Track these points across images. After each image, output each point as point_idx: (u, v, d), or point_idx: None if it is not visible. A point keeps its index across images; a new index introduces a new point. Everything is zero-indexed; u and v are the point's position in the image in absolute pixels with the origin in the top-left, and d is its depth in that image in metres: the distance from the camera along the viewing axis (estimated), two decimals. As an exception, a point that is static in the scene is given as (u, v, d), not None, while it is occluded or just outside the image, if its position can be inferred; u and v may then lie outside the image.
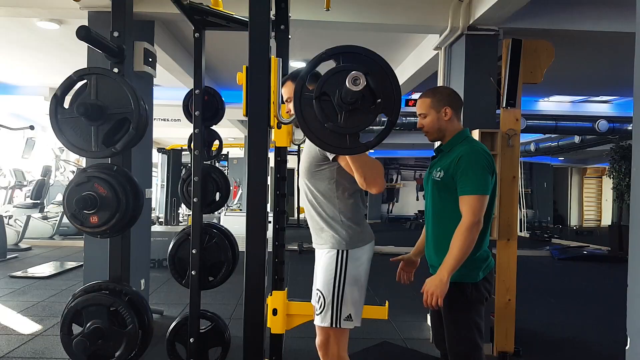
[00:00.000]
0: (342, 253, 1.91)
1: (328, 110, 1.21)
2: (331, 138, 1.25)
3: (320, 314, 1.91)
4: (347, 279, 1.89)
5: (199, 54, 2.13)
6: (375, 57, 1.23)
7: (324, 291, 1.91)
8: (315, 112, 1.22)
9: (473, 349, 1.90)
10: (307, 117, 1.23)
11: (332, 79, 1.21)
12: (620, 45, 4.25)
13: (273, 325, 2.06)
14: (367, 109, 1.20)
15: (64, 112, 1.47)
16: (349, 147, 1.27)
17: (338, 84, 1.19)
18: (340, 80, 1.17)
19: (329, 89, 1.21)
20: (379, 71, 1.22)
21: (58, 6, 3.52)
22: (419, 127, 2.07)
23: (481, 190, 1.85)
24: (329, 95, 1.21)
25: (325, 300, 1.90)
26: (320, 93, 1.21)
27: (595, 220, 17.11)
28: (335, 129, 1.21)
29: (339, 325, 1.89)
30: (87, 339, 1.46)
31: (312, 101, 1.22)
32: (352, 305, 1.90)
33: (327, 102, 1.21)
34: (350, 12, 3.65)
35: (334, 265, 1.91)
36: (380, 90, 1.20)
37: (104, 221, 1.45)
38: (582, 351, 3.66)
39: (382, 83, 1.21)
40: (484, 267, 1.95)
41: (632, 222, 1.00)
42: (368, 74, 1.19)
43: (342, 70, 1.19)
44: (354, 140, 1.24)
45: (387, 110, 1.22)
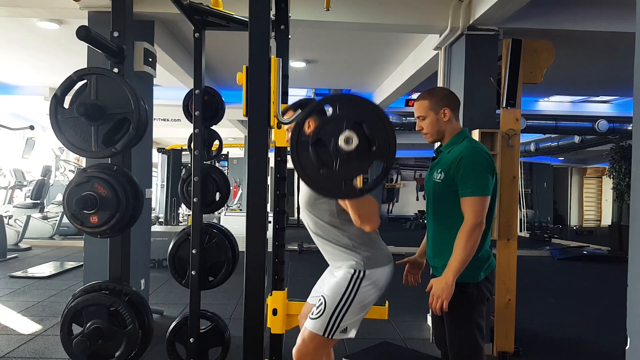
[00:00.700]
0: (359, 273, 1.88)
1: (324, 156, 1.23)
2: (326, 183, 1.26)
3: (315, 319, 1.88)
4: (356, 299, 1.86)
5: (199, 54, 2.13)
6: (371, 106, 1.25)
7: (328, 300, 1.87)
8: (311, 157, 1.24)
9: (474, 349, 1.90)
10: (303, 162, 1.25)
11: (328, 126, 1.23)
12: (620, 45, 4.24)
13: (273, 325, 2.06)
14: (363, 156, 1.22)
15: (64, 112, 1.47)
16: (343, 192, 1.30)
17: (334, 132, 1.21)
18: (336, 127, 1.20)
19: (325, 136, 1.23)
20: (374, 119, 1.23)
21: (58, 6, 3.52)
22: (418, 129, 2.07)
23: (482, 191, 1.85)
24: (324, 141, 1.23)
25: (325, 308, 1.87)
26: (316, 140, 1.23)
27: (595, 220, 17.10)
28: (330, 176, 1.23)
29: (332, 336, 1.86)
30: (87, 339, 1.46)
31: (309, 147, 1.23)
32: (352, 321, 1.88)
33: (323, 147, 1.23)
34: (350, 12, 3.65)
35: (347, 282, 1.88)
36: (375, 137, 1.22)
37: (104, 221, 1.46)
38: (582, 351, 3.66)
39: (377, 130, 1.22)
40: (486, 267, 1.94)
41: (632, 222, 1.00)
42: (363, 122, 1.21)
43: (337, 118, 1.22)
44: (349, 185, 1.26)
45: (382, 157, 1.24)
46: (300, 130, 1.25)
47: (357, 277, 1.87)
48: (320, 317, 1.86)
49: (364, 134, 1.20)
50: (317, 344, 1.89)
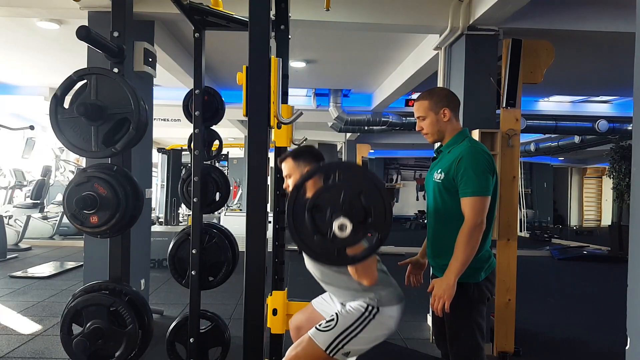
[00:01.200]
0: (373, 309, 1.88)
1: (319, 221, 1.23)
2: (320, 249, 1.27)
3: (322, 332, 1.86)
4: (365, 330, 1.85)
5: (199, 54, 2.13)
6: (369, 175, 1.26)
7: (340, 319, 1.86)
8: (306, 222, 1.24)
9: (474, 349, 1.90)
10: (298, 225, 1.26)
11: (325, 194, 1.24)
12: (620, 45, 4.24)
13: (273, 325, 2.06)
14: (358, 227, 1.22)
15: (64, 112, 1.47)
16: (336, 259, 1.31)
17: (330, 200, 1.22)
18: (334, 195, 1.21)
19: (322, 203, 1.23)
20: (372, 189, 1.24)
21: (58, 6, 3.52)
22: (418, 129, 2.07)
23: (483, 191, 1.85)
24: (321, 208, 1.23)
25: (335, 326, 1.85)
26: (313, 206, 1.23)
27: (595, 220, 17.10)
28: (324, 243, 1.23)
29: (333, 354, 1.84)
30: (87, 339, 1.46)
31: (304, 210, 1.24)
32: (355, 348, 1.87)
33: (319, 213, 1.23)
34: (350, 12, 3.65)
35: (361, 312, 1.87)
36: (371, 208, 1.22)
37: (104, 221, 1.46)
38: (582, 351, 3.66)
39: (375, 201, 1.23)
40: (486, 267, 1.94)
41: (632, 222, 1.00)
42: (361, 192, 1.22)
43: (335, 187, 1.23)
44: (342, 253, 1.27)
45: (378, 227, 1.24)
46: (298, 193, 1.26)
47: (370, 311, 1.87)
48: (328, 332, 1.85)
49: (360, 204, 1.21)
50: (316, 357, 1.86)
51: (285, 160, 2.02)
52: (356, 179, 1.25)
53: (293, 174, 2.00)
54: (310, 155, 2.02)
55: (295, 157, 2.00)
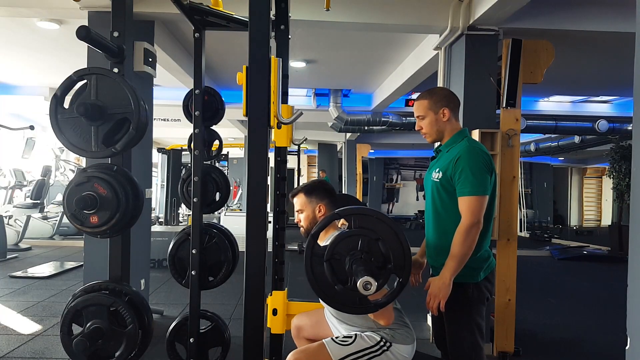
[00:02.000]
0: (386, 343, 1.87)
1: (338, 270, 1.21)
2: (341, 297, 1.25)
3: (338, 345, 1.86)
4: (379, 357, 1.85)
5: (199, 54, 2.13)
6: (387, 221, 1.23)
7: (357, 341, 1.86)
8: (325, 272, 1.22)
9: (474, 349, 1.90)
10: (317, 276, 1.24)
11: (343, 242, 1.21)
12: (620, 45, 4.24)
13: (273, 325, 2.06)
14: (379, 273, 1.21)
15: (64, 112, 1.47)
16: (358, 307, 1.28)
17: (349, 247, 1.20)
18: (352, 243, 1.19)
19: (341, 251, 1.21)
20: (390, 234, 1.22)
21: (58, 6, 3.52)
22: (417, 129, 2.07)
23: (480, 190, 1.84)
24: (339, 256, 1.21)
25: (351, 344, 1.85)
26: (331, 255, 1.21)
27: (595, 220, 17.10)
28: (345, 292, 1.21)
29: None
30: (87, 339, 1.46)
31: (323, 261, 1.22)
32: None
33: (338, 261, 1.21)
34: (350, 12, 3.65)
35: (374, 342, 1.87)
36: (390, 254, 1.21)
37: (104, 221, 1.45)
38: (582, 351, 3.66)
39: (392, 245, 1.21)
40: (485, 267, 1.94)
41: (632, 222, 1.00)
42: (379, 240, 1.20)
43: (353, 235, 1.20)
44: (364, 301, 1.25)
45: (398, 272, 1.22)
46: (315, 244, 1.24)
47: (383, 344, 1.87)
48: (344, 347, 1.86)
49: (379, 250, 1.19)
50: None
51: (297, 195, 2.03)
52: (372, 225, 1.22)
53: (305, 210, 2.01)
54: (323, 191, 2.04)
55: (308, 193, 2.01)
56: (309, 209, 1.99)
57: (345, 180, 12.30)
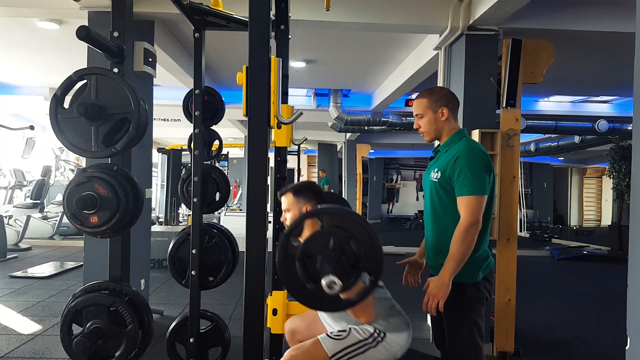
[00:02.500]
0: (380, 333, 1.88)
1: (311, 268, 1.22)
2: (314, 297, 1.26)
3: (332, 339, 1.86)
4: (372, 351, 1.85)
5: (199, 54, 2.13)
6: (360, 221, 1.25)
7: (351, 334, 1.87)
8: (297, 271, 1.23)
9: (473, 349, 1.90)
10: (290, 273, 1.25)
11: (315, 241, 1.22)
12: (620, 45, 4.24)
13: (273, 325, 2.06)
14: (350, 272, 1.21)
15: (64, 112, 1.47)
16: (331, 305, 1.30)
17: (321, 247, 1.21)
18: (323, 242, 1.20)
19: (313, 250, 1.22)
20: (362, 234, 1.23)
21: (58, 6, 3.52)
22: (415, 128, 2.07)
23: (479, 190, 1.85)
24: (311, 256, 1.22)
25: (346, 338, 1.86)
26: (303, 254, 1.22)
27: (595, 220, 17.10)
28: (317, 291, 1.22)
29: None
30: (87, 339, 1.46)
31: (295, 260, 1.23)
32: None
33: (311, 260, 1.22)
34: (350, 12, 3.65)
35: (368, 334, 1.87)
36: (362, 252, 1.22)
37: (104, 221, 1.45)
38: (582, 351, 3.66)
39: (364, 244, 1.22)
40: (484, 267, 1.94)
41: (632, 222, 1.00)
42: (351, 238, 1.21)
43: (324, 234, 1.22)
44: (337, 299, 1.26)
45: (370, 270, 1.23)
46: (287, 243, 1.25)
47: (377, 335, 1.88)
48: (339, 341, 1.86)
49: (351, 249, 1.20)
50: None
51: (285, 194, 2.03)
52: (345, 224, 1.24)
53: (292, 210, 2.01)
54: (312, 193, 2.03)
55: (296, 193, 2.01)
56: (296, 209, 1.99)
57: (345, 181, 12.30)
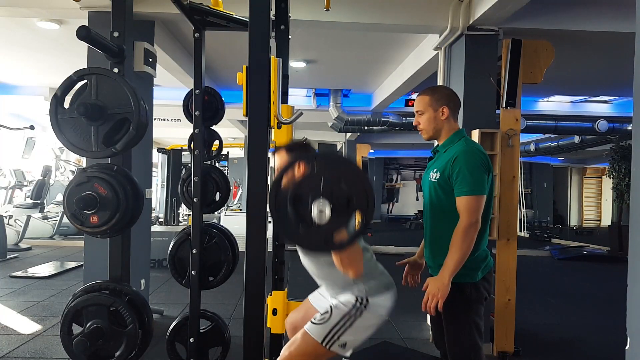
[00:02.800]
0: (363, 300, 1.86)
1: (302, 210, 1.23)
2: (306, 239, 1.28)
3: (318, 325, 1.84)
4: (358, 320, 1.84)
5: (199, 54, 2.13)
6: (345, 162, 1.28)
7: (334, 311, 1.85)
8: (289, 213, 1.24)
9: (473, 349, 1.90)
10: (281, 216, 1.26)
11: (305, 183, 1.24)
12: (620, 45, 4.24)
13: (273, 325, 2.06)
14: (341, 212, 1.23)
15: (64, 112, 1.48)
16: (323, 247, 1.32)
17: (311, 188, 1.22)
18: (314, 184, 1.22)
19: (302, 192, 1.23)
20: (352, 174, 1.25)
21: (58, 6, 3.52)
22: (414, 124, 2.07)
23: (478, 190, 1.85)
24: (302, 197, 1.23)
25: (330, 318, 1.84)
26: (294, 196, 1.23)
27: (595, 220, 17.10)
28: (309, 233, 1.24)
29: (330, 347, 1.81)
30: (87, 338, 1.46)
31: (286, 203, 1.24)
32: (353, 338, 1.84)
33: (302, 203, 1.24)
34: (350, 12, 3.65)
35: (352, 304, 1.86)
36: (353, 192, 1.23)
37: (104, 221, 1.46)
38: (581, 351, 3.66)
39: (354, 186, 1.24)
40: (483, 267, 1.95)
41: (632, 222, 1.00)
42: (340, 179, 1.23)
43: (313, 176, 1.23)
44: (329, 240, 1.27)
45: (361, 210, 1.25)
46: (278, 188, 1.26)
47: (360, 304, 1.86)
48: (324, 324, 1.83)
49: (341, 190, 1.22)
50: (310, 352, 1.84)
51: (278, 152, 2.01)
52: (335, 166, 1.27)
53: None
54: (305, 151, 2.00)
55: (289, 151, 1.98)
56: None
57: (345, 180, 12.27)
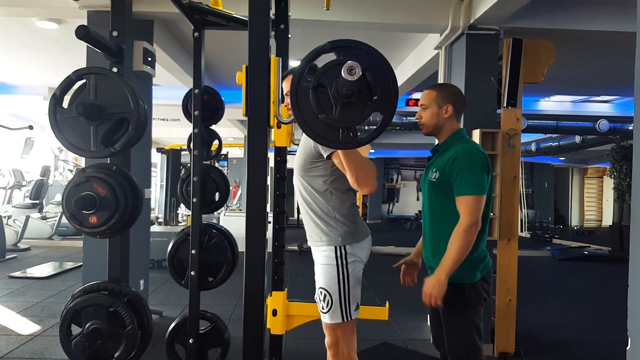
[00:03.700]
0: (340, 249, 1.92)
1: (324, 102, 1.20)
2: (324, 131, 1.23)
3: (329, 312, 1.92)
4: (350, 275, 1.91)
5: (199, 53, 2.12)
6: (376, 54, 1.22)
7: (330, 290, 1.91)
8: (310, 102, 1.20)
9: (472, 350, 1.89)
10: (302, 108, 1.22)
11: (330, 71, 1.20)
12: (621, 44, 4.24)
13: (273, 326, 2.05)
14: (363, 104, 1.19)
15: (62, 111, 1.47)
16: (341, 141, 1.25)
17: (336, 77, 1.17)
18: (339, 73, 1.16)
19: (326, 81, 1.20)
20: (379, 68, 1.20)
21: (57, 6, 3.52)
22: (417, 118, 2.07)
23: (478, 190, 1.84)
24: (325, 87, 1.20)
25: (332, 298, 1.90)
26: (317, 84, 1.20)
27: (596, 221, 17.10)
28: (329, 122, 1.20)
29: (350, 317, 1.91)
30: (86, 339, 1.45)
31: (309, 92, 1.20)
32: (356, 295, 1.94)
33: (324, 94, 1.20)
34: (350, 11, 3.65)
35: (334, 262, 1.92)
36: (377, 87, 1.19)
37: (103, 221, 1.45)
38: (582, 352, 3.65)
39: (380, 80, 1.19)
40: (482, 268, 1.94)
41: (633, 222, 0.99)
42: (367, 70, 1.18)
43: (341, 63, 1.17)
44: (347, 135, 1.23)
45: (383, 108, 1.20)
46: (301, 76, 1.22)
47: (341, 254, 1.92)
48: (332, 308, 1.91)
49: (366, 81, 1.17)
50: (343, 330, 1.94)
51: (287, 78, 2.00)
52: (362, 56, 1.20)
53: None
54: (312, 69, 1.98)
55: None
56: None
57: (345, 181, 12.26)
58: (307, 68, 1.24)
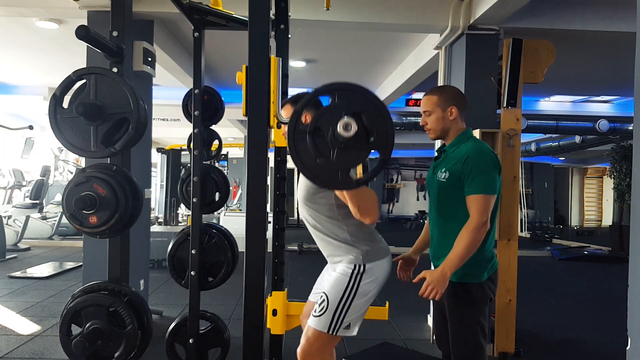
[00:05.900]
0: (359, 268, 1.88)
1: (321, 145, 1.22)
2: (323, 173, 1.25)
3: (318, 317, 1.87)
4: (358, 294, 1.86)
5: (199, 53, 2.12)
6: (370, 95, 1.24)
7: (330, 297, 1.87)
8: (308, 146, 1.22)
9: (476, 350, 1.89)
10: (300, 151, 1.24)
11: (327, 115, 1.22)
12: (621, 44, 4.24)
13: (273, 326, 2.05)
14: (360, 146, 1.21)
15: (63, 111, 1.47)
16: (340, 182, 1.27)
17: (332, 121, 1.20)
18: (334, 116, 1.19)
19: (323, 125, 1.21)
20: (373, 110, 1.22)
21: (57, 6, 3.52)
22: (422, 124, 2.06)
23: (489, 190, 1.85)
24: (322, 130, 1.22)
25: (328, 306, 1.86)
26: (314, 128, 1.21)
27: (596, 221, 17.09)
28: (327, 165, 1.21)
29: (336, 333, 1.85)
30: (86, 339, 1.46)
31: (306, 135, 1.22)
32: (354, 317, 1.87)
33: (321, 137, 1.22)
34: (350, 11, 3.65)
35: (348, 277, 1.87)
36: (373, 128, 1.21)
37: (103, 221, 1.45)
38: (582, 352, 3.65)
39: (376, 121, 1.21)
40: (489, 267, 1.94)
41: (633, 222, 0.99)
42: (362, 113, 1.20)
43: (336, 107, 1.20)
44: (346, 176, 1.25)
45: (380, 148, 1.22)
46: (297, 120, 1.24)
47: (357, 272, 1.87)
48: (324, 315, 1.85)
49: (362, 124, 1.19)
50: (322, 342, 1.88)
51: (284, 106, 2.00)
52: (357, 99, 1.23)
53: None
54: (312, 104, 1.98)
55: (294, 103, 1.96)
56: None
57: (345, 181, 12.25)
58: (302, 112, 1.26)
